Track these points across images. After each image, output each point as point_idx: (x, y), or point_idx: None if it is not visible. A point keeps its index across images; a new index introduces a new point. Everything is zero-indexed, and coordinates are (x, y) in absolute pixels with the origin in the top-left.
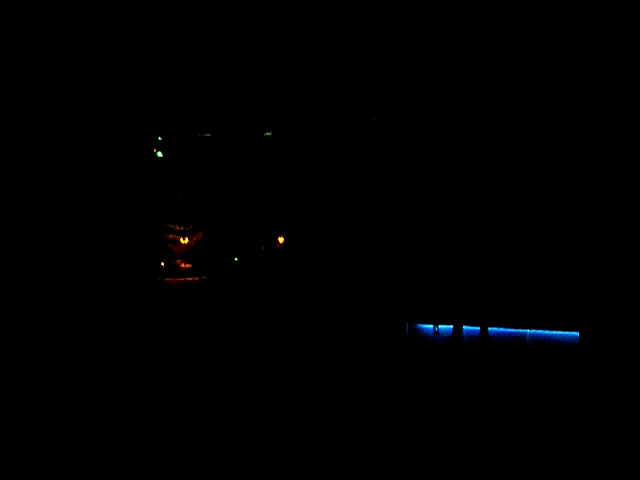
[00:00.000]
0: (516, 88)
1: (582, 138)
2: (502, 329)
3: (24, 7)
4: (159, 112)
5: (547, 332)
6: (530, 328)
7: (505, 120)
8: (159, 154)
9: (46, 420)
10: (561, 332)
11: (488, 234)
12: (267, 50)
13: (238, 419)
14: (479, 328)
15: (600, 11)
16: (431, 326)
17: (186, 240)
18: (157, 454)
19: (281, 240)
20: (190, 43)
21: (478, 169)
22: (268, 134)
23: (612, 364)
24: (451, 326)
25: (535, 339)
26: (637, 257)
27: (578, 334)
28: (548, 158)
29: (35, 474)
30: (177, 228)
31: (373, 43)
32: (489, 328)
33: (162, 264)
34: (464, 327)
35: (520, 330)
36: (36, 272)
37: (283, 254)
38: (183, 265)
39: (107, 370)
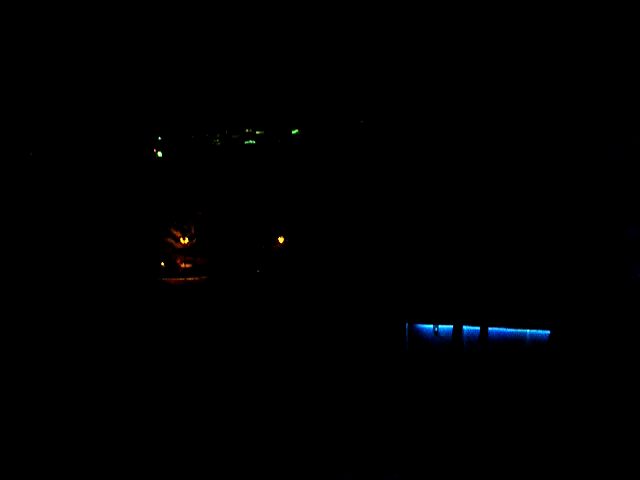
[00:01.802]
0: (505, 94)
1: (577, 149)
2: (502, 329)
3: (25, 7)
4: (159, 112)
5: (547, 332)
6: (530, 328)
7: (503, 122)
8: (159, 154)
9: (47, 417)
10: None
11: (488, 235)
12: (266, 55)
13: (238, 418)
14: (479, 328)
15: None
16: (431, 326)
17: (186, 240)
18: (157, 452)
19: (281, 240)
20: (194, 45)
21: (477, 171)
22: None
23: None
24: (451, 326)
25: (535, 339)
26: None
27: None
28: (545, 161)
29: (35, 473)
30: (178, 234)
31: (363, 49)
32: (489, 328)
33: (162, 264)
34: (464, 327)
35: (520, 330)
36: (39, 272)
37: (283, 254)
38: (183, 265)
39: (108, 367)
